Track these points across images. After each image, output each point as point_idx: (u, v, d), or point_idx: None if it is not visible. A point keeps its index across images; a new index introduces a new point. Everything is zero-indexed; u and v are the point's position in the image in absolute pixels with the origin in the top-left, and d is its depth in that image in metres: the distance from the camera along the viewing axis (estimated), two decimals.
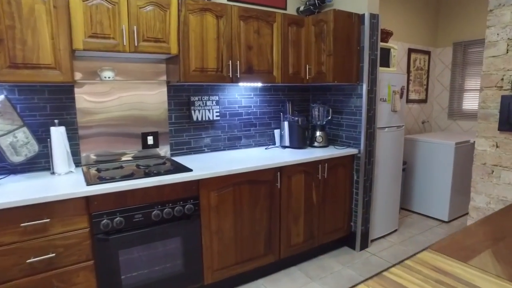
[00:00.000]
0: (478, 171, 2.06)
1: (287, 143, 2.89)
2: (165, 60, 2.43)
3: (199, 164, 2.27)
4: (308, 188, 2.57)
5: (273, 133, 3.05)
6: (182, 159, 2.43)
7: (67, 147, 1.99)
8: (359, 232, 2.86)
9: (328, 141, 2.99)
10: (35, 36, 1.70)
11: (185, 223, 2.02)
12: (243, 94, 2.84)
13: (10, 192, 1.61)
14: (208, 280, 2.16)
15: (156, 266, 1.95)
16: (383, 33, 3.00)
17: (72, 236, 1.65)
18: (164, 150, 2.50)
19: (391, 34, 3.06)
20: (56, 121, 1.99)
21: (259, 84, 2.86)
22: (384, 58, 2.98)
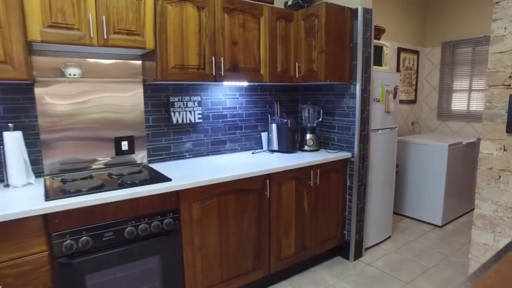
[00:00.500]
0: (484, 177, 1.91)
1: (275, 147, 2.69)
2: (141, 57, 2.18)
3: (180, 172, 2.04)
4: (300, 196, 2.37)
5: (260, 137, 2.84)
6: (161, 166, 2.19)
7: (25, 155, 1.72)
8: (353, 241, 2.68)
9: (319, 145, 2.81)
10: None
11: (164, 239, 1.79)
12: (228, 94, 2.62)
13: None
14: None
15: None
16: (375, 29, 2.85)
17: (26, 262, 1.39)
18: (140, 157, 2.25)
19: (383, 31, 2.91)
20: (10, 125, 1.71)
21: (245, 83, 2.65)
22: (376, 56, 2.82)
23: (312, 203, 2.46)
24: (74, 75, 1.86)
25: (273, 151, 2.71)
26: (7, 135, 1.65)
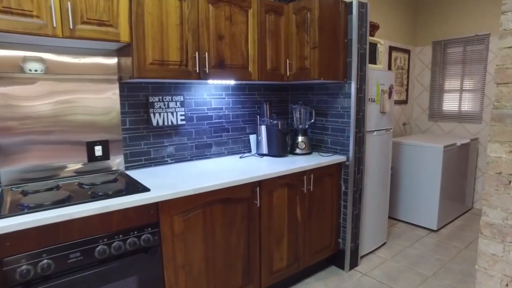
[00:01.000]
0: (492, 182, 1.76)
1: (265, 151, 2.50)
2: (116, 52, 1.96)
3: (160, 180, 1.82)
4: (292, 204, 2.19)
5: (249, 139, 2.65)
6: (139, 174, 1.97)
7: None
8: (348, 249, 2.51)
9: (311, 147, 2.63)
10: None
11: (142, 258, 1.57)
12: (213, 94, 2.42)
13: None
14: None
15: None
16: (370, 26, 2.70)
17: None
18: (116, 163, 2.02)
19: (377, 27, 2.77)
20: None
21: (232, 82, 2.45)
22: (370, 54, 2.67)
23: (306, 211, 2.28)
24: (36, 70, 1.63)
25: (263, 155, 2.52)
26: None
